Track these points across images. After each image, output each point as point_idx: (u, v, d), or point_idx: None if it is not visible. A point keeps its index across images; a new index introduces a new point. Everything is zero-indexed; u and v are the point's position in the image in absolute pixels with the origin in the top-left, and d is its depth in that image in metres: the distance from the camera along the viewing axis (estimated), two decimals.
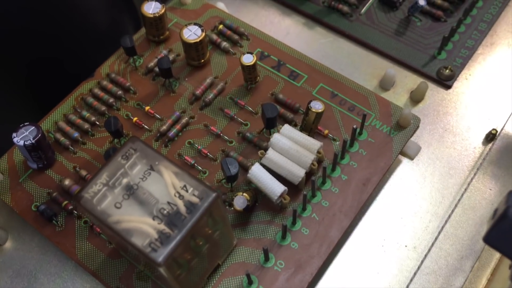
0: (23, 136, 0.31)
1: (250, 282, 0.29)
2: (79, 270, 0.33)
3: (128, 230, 0.24)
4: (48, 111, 0.36)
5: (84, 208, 0.25)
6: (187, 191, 0.25)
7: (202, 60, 0.36)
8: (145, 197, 0.25)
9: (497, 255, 0.33)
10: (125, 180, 0.25)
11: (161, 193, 0.25)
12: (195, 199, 0.25)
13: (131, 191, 0.25)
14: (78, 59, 0.41)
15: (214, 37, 0.37)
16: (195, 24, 0.35)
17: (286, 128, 0.32)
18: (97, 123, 0.35)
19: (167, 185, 0.25)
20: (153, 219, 0.24)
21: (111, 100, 0.35)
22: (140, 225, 0.24)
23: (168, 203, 0.25)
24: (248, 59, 0.34)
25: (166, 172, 0.25)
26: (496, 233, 0.23)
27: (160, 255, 0.23)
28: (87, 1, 0.41)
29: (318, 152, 0.32)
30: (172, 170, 0.25)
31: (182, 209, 0.24)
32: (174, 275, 0.25)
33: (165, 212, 0.24)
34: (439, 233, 0.33)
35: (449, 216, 0.34)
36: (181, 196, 0.25)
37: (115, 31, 0.45)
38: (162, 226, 0.24)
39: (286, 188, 0.30)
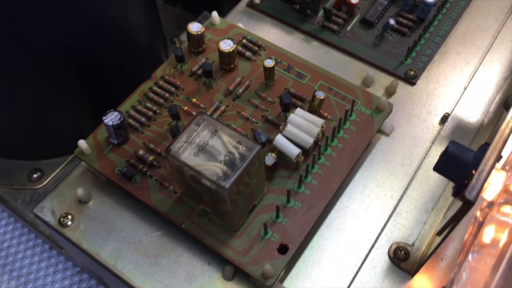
0: (111, 118, 0.40)
1: (278, 216, 0.38)
2: (148, 218, 0.41)
3: (204, 170, 0.34)
4: (100, 113, 0.43)
5: (173, 157, 0.34)
6: (240, 144, 0.35)
7: (232, 65, 0.45)
8: (212, 150, 0.35)
9: (450, 199, 0.41)
10: (197, 140, 0.35)
11: (222, 147, 0.35)
12: (246, 150, 0.35)
13: (202, 146, 0.35)
14: (122, 71, 0.50)
15: (240, 48, 0.47)
16: (228, 38, 0.45)
17: (299, 110, 0.41)
18: (158, 111, 0.43)
19: (225, 142, 0.35)
20: (219, 163, 0.34)
21: (167, 94, 0.44)
22: (211, 167, 0.34)
23: (229, 152, 0.35)
24: (269, 63, 0.43)
25: (224, 134, 0.36)
26: (440, 163, 0.31)
27: (227, 184, 0.33)
28: (130, 27, 0.49)
29: (322, 126, 0.40)
30: (229, 133, 0.36)
31: (237, 157, 0.34)
32: (231, 202, 0.35)
33: (226, 159, 0.34)
34: (408, 185, 0.42)
35: (415, 174, 0.43)
36: (236, 148, 0.35)
37: (149, 49, 0.54)
38: (225, 168, 0.34)
39: (300, 150, 0.39)
